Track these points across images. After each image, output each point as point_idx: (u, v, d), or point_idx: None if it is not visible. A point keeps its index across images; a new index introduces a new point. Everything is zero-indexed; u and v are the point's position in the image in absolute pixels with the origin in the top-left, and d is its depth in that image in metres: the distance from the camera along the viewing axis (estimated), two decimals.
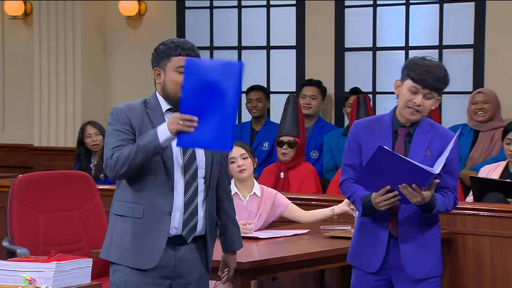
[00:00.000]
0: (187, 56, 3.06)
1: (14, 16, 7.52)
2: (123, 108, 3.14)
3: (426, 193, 3.07)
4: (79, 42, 7.19)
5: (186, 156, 3.09)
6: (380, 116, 3.26)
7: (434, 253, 3.25)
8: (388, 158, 3.02)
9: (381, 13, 6.64)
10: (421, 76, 3.13)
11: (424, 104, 3.14)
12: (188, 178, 3.08)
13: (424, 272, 3.22)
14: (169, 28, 7.24)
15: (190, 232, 3.09)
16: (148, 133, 3.00)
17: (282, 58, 6.95)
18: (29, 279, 2.92)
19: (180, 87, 2.99)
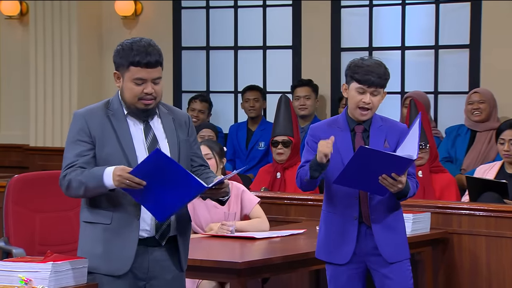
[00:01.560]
0: (146, 67, 3.01)
1: (10, 16, 7.51)
2: (82, 113, 3.09)
3: (403, 178, 3.28)
4: (75, 42, 7.18)
5: None
6: (334, 118, 3.47)
7: (403, 237, 3.45)
8: (369, 155, 3.24)
9: (377, 13, 6.65)
10: (365, 76, 3.34)
11: (373, 101, 3.35)
12: None
13: (397, 255, 3.41)
14: (165, 28, 7.24)
15: (165, 234, 3.08)
16: (95, 174, 2.96)
17: (278, 58, 6.96)
18: (25, 279, 2.92)
19: (137, 100, 3.03)
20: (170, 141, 3.11)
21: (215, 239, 4.21)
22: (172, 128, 3.13)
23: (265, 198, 4.71)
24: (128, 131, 3.07)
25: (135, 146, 3.06)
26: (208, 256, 3.84)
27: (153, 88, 3.04)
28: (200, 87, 7.21)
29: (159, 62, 3.04)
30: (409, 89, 6.48)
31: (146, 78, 3.03)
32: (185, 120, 3.18)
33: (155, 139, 3.09)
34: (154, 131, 3.10)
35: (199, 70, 7.26)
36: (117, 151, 3.05)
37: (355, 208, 3.38)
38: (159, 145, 3.08)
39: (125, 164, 3.02)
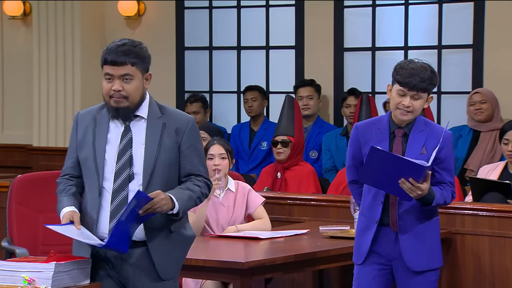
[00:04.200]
0: (111, 64, 3.02)
1: (13, 16, 7.51)
2: (77, 115, 3.17)
3: (424, 186, 3.23)
4: (78, 42, 7.18)
5: (119, 163, 3.05)
6: (378, 118, 3.43)
7: (433, 246, 3.40)
8: (381, 157, 3.20)
9: (380, 13, 6.64)
10: (406, 79, 3.29)
11: (413, 105, 3.30)
12: (117, 187, 3.04)
13: (423, 264, 3.37)
14: (168, 28, 7.24)
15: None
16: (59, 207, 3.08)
17: (281, 58, 6.95)
18: (28, 279, 2.92)
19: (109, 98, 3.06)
20: (148, 147, 3.05)
21: (219, 239, 4.21)
22: (157, 133, 3.07)
23: (268, 198, 4.71)
24: (104, 135, 3.08)
25: (107, 151, 3.06)
26: (211, 256, 3.84)
27: (122, 86, 3.03)
28: (203, 87, 7.21)
29: (128, 61, 3.02)
30: None
31: (112, 74, 3.04)
32: (180, 126, 3.08)
33: (129, 144, 3.06)
34: (132, 136, 3.07)
35: (202, 70, 7.25)
36: (90, 155, 3.08)
37: (377, 211, 3.35)
38: (133, 151, 3.05)
39: (93, 169, 3.05)
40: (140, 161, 3.04)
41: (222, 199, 4.43)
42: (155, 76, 9.00)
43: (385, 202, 3.35)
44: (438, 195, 3.32)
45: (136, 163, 3.04)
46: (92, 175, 3.07)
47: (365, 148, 3.34)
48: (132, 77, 3.04)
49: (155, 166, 3.04)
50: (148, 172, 3.04)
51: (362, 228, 3.41)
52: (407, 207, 3.32)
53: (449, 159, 3.38)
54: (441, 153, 3.32)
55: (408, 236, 3.33)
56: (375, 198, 3.35)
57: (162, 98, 7.28)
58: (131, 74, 3.04)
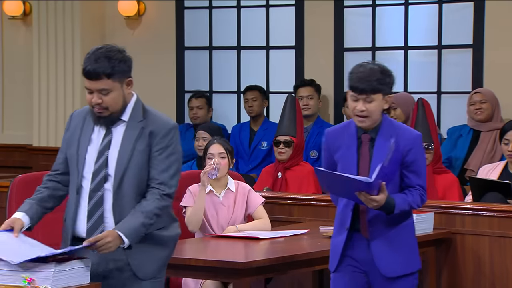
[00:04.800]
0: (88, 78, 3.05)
1: (13, 16, 7.51)
2: (75, 113, 3.25)
3: (378, 197, 3.18)
4: (78, 42, 7.18)
5: (97, 164, 3.12)
6: (347, 123, 3.35)
7: (406, 250, 3.33)
8: (326, 176, 3.20)
9: (380, 13, 6.64)
10: (355, 83, 3.22)
11: (368, 109, 3.22)
12: (93, 187, 3.10)
13: (398, 270, 3.31)
14: (168, 28, 7.23)
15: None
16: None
17: (281, 58, 6.95)
18: (28, 279, 2.92)
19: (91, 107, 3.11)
20: (122, 149, 3.10)
21: (219, 239, 4.21)
22: (133, 136, 3.10)
23: (268, 198, 4.71)
24: (89, 135, 3.15)
25: (89, 151, 3.12)
26: (211, 256, 3.84)
27: (101, 99, 3.06)
28: (203, 87, 7.21)
29: (103, 74, 3.03)
30: (412, 89, 6.48)
31: (91, 88, 3.08)
32: (156, 129, 3.10)
33: (108, 145, 3.12)
34: (112, 138, 3.13)
35: (202, 70, 7.25)
36: (74, 153, 3.15)
37: (347, 218, 3.32)
38: (109, 152, 3.11)
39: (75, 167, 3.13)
40: (114, 163, 3.10)
41: (222, 199, 4.44)
42: (156, 76, 9.05)
43: (356, 209, 3.31)
44: (400, 202, 3.24)
45: (111, 165, 3.10)
46: (73, 173, 3.16)
47: (336, 155, 3.31)
48: (109, 90, 3.07)
49: (126, 169, 3.09)
50: (120, 174, 3.09)
51: (335, 235, 3.38)
52: (377, 213, 3.27)
53: (418, 162, 3.29)
54: (408, 156, 3.25)
55: (380, 242, 3.28)
56: (347, 205, 3.32)
57: (162, 98, 7.33)
58: (107, 89, 3.06)
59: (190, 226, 4.35)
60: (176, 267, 3.76)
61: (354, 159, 3.27)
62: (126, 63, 3.09)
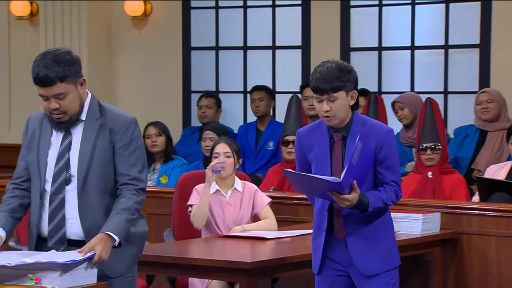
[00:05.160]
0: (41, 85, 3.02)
1: (20, 17, 7.53)
2: (31, 118, 3.22)
3: (350, 196, 3.14)
4: (85, 42, 7.20)
5: (57, 166, 3.12)
6: (319, 122, 3.31)
7: (384, 247, 3.29)
8: (295, 177, 3.17)
9: (386, 13, 6.63)
10: (314, 85, 3.21)
11: (332, 108, 3.20)
12: (54, 189, 3.10)
13: (377, 268, 3.27)
14: (174, 28, 7.24)
15: (58, 243, 3.10)
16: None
17: (287, 58, 6.95)
18: (35, 279, 2.92)
19: (49, 113, 3.09)
20: (82, 149, 3.10)
21: (225, 239, 4.22)
22: (92, 135, 3.10)
23: (274, 198, 4.71)
24: (48, 138, 3.14)
25: (49, 154, 3.12)
26: (218, 256, 3.84)
27: (58, 103, 3.05)
28: (209, 87, 7.21)
29: (56, 79, 3.01)
30: (418, 89, 6.47)
31: (46, 95, 3.06)
32: (114, 126, 3.10)
33: (68, 147, 3.12)
34: (72, 139, 3.12)
35: (209, 70, 7.26)
36: (34, 158, 3.15)
37: (324, 220, 3.29)
38: (70, 154, 3.11)
39: (36, 171, 3.12)
40: (76, 164, 3.10)
41: (228, 198, 4.45)
42: (162, 76, 9.04)
43: (331, 210, 3.28)
44: (373, 199, 3.20)
45: (73, 166, 3.10)
46: (35, 178, 3.14)
47: (310, 155, 3.28)
48: (65, 94, 3.06)
49: (89, 168, 3.09)
50: (82, 174, 3.09)
51: (314, 238, 3.35)
52: (351, 212, 3.23)
53: (391, 157, 3.24)
54: (381, 152, 3.21)
55: (356, 241, 3.25)
56: (323, 206, 3.28)
57: (169, 98, 7.34)
58: (63, 92, 3.04)
59: (195, 223, 4.36)
60: (183, 267, 3.76)
61: (327, 159, 3.24)
62: (76, 63, 3.08)
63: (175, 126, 6.93)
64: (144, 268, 3.89)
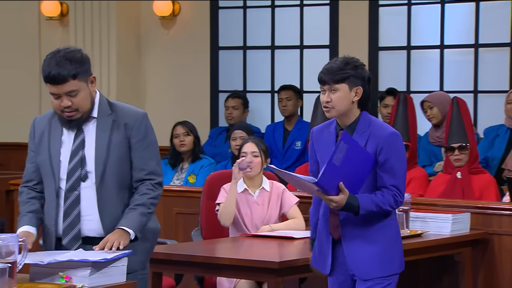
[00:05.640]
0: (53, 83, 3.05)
1: (50, 17, 7.61)
2: (35, 119, 3.24)
3: (336, 198, 3.08)
4: (114, 42, 7.25)
5: (71, 164, 3.13)
6: (332, 121, 3.27)
7: (383, 251, 3.17)
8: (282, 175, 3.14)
9: (415, 11, 6.60)
10: (319, 75, 3.21)
11: (333, 99, 3.16)
12: (69, 187, 3.12)
13: (371, 272, 3.17)
14: (202, 28, 7.27)
15: (73, 241, 3.12)
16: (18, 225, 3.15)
17: (315, 58, 6.94)
18: (65, 277, 2.94)
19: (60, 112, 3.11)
20: (98, 145, 3.12)
21: (253, 239, 4.22)
22: (107, 130, 3.13)
23: (302, 198, 4.70)
24: (59, 137, 3.16)
25: (62, 153, 3.13)
26: (245, 256, 3.85)
27: (70, 101, 3.07)
28: (237, 86, 7.23)
29: (69, 76, 3.04)
30: (448, 88, 6.43)
31: (58, 93, 3.09)
32: (128, 121, 3.14)
33: (81, 145, 3.13)
34: (85, 136, 3.14)
35: (236, 69, 7.27)
36: (46, 158, 3.16)
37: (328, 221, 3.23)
38: (85, 151, 3.12)
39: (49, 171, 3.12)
40: (92, 160, 3.11)
41: (256, 198, 4.45)
42: (190, 76, 9.05)
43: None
44: (365, 202, 3.10)
45: (89, 163, 3.12)
46: (49, 177, 3.15)
47: (319, 153, 3.23)
48: (77, 91, 3.08)
49: (106, 164, 3.11)
50: (100, 169, 3.11)
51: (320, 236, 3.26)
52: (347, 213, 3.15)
53: (392, 161, 3.13)
54: (381, 155, 3.13)
55: (351, 243, 3.16)
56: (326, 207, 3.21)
57: (197, 97, 7.36)
58: (75, 90, 3.07)
59: (222, 220, 4.37)
60: (211, 266, 3.77)
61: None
62: (86, 61, 3.12)
63: (203, 125, 6.96)
64: (173, 267, 3.92)
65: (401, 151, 3.18)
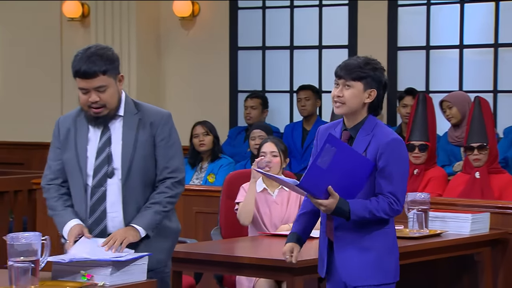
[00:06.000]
0: (83, 77, 3.10)
1: (72, 18, 7.68)
2: (59, 119, 3.29)
3: (325, 202, 3.01)
4: (134, 43, 7.30)
5: (97, 161, 3.17)
6: (338, 121, 3.21)
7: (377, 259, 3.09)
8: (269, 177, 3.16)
9: (435, 11, 6.58)
10: (337, 68, 3.17)
11: (345, 95, 3.10)
12: (95, 183, 3.16)
13: (361, 278, 3.09)
14: (222, 28, 7.29)
15: (99, 237, 3.14)
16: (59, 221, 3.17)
17: (334, 58, 6.94)
18: (87, 275, 2.98)
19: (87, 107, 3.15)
20: (125, 142, 3.17)
21: (272, 238, 4.24)
22: (133, 128, 3.17)
23: None
24: (85, 135, 3.20)
25: (89, 150, 3.18)
26: (265, 255, 3.86)
27: (99, 96, 3.11)
28: (256, 86, 7.25)
29: (100, 71, 3.09)
30: (467, 87, 6.41)
31: (87, 88, 3.13)
32: (153, 120, 3.19)
33: (108, 142, 3.17)
34: (111, 134, 3.18)
35: (255, 69, 7.29)
36: (72, 155, 3.19)
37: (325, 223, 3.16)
38: (111, 148, 3.16)
39: (76, 168, 3.16)
40: (119, 157, 3.15)
41: (275, 197, 4.47)
42: (209, 76, 9.05)
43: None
44: (356, 208, 3.03)
45: (116, 159, 3.16)
46: (76, 174, 3.19)
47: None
48: (106, 86, 3.12)
49: (132, 161, 3.15)
50: (126, 166, 3.15)
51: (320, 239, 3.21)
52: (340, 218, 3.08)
53: (391, 167, 3.05)
54: (381, 161, 3.04)
55: (343, 248, 3.09)
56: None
57: (216, 97, 7.38)
58: (104, 85, 3.11)
59: (241, 219, 4.39)
60: (230, 265, 3.79)
61: None
62: (116, 60, 3.17)
63: (222, 125, 6.99)
64: (192, 266, 3.94)
65: (402, 158, 3.09)
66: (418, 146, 5.19)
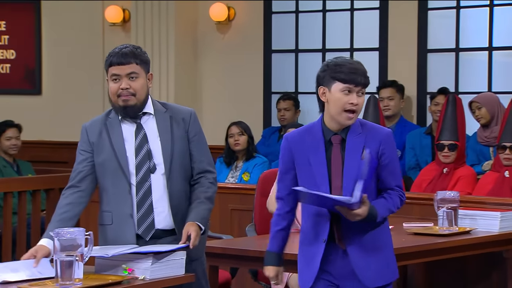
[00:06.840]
0: (117, 64, 3.20)
1: (113, 23, 7.84)
2: (85, 125, 3.35)
3: (360, 211, 2.93)
4: (172, 46, 7.39)
5: (138, 158, 3.25)
6: (310, 126, 3.10)
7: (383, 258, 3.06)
8: (306, 195, 2.94)
9: (464, 14, 6.59)
10: (351, 75, 2.97)
11: (359, 103, 2.98)
12: (139, 179, 3.23)
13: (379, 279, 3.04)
14: (256, 32, 7.37)
15: (147, 230, 3.24)
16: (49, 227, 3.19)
17: (365, 60, 6.98)
18: (128, 269, 3.07)
19: (116, 97, 3.22)
20: (163, 138, 3.27)
21: None
22: (167, 125, 3.29)
23: None
24: (120, 135, 3.27)
25: (127, 149, 3.25)
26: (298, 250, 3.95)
27: (129, 84, 3.20)
28: (289, 88, 7.33)
29: (132, 59, 3.20)
30: (496, 89, 6.43)
31: (119, 74, 3.23)
32: (184, 116, 3.30)
33: (145, 139, 3.27)
34: (145, 131, 3.28)
35: (288, 72, 7.36)
36: (111, 156, 3.26)
37: (325, 229, 3.01)
38: (149, 145, 3.26)
39: (116, 167, 3.22)
40: (159, 153, 3.25)
41: None
42: (244, 77, 9.17)
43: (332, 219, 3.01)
44: (381, 210, 2.99)
45: (156, 155, 3.25)
46: (117, 173, 3.24)
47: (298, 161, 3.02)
48: (138, 74, 3.24)
49: (173, 155, 3.25)
50: (168, 160, 3.25)
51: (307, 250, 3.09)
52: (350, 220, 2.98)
53: (394, 161, 3.02)
54: (384, 157, 2.99)
55: (357, 251, 3.00)
56: (320, 215, 3.01)
57: (251, 98, 7.50)
58: (136, 72, 3.21)
59: (269, 207, 4.36)
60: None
61: (323, 165, 2.98)
62: (148, 61, 3.31)
63: (256, 125, 7.08)
64: (228, 261, 4.01)
65: (395, 149, 3.09)
66: (447, 146, 5.25)
